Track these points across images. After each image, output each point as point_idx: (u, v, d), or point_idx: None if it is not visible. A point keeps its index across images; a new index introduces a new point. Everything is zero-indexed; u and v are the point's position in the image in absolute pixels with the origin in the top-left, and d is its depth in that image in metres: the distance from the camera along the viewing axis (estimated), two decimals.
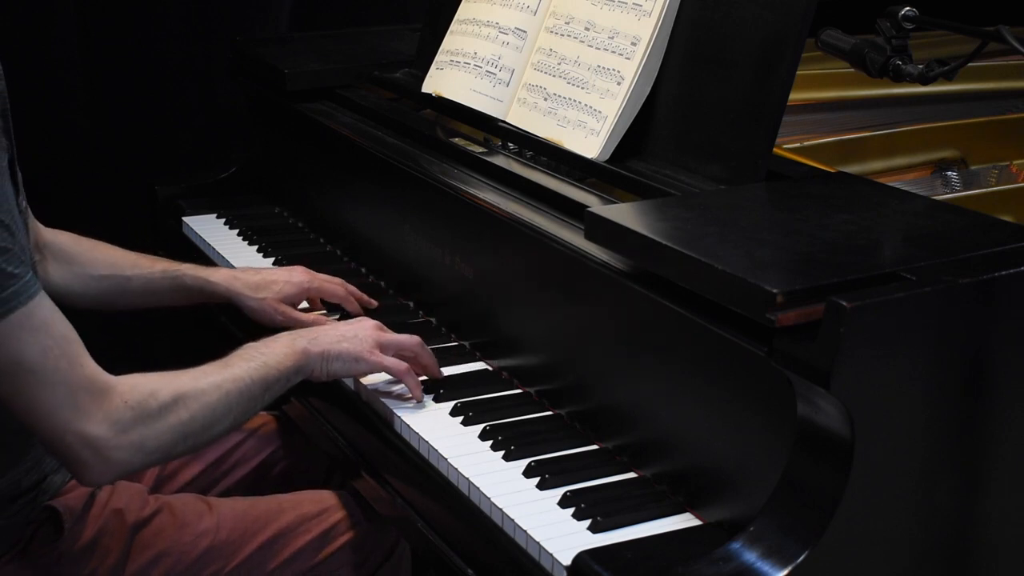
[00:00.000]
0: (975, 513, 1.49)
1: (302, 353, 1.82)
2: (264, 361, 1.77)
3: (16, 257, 1.56)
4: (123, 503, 1.89)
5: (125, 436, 1.60)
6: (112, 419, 1.59)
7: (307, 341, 1.84)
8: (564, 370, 1.81)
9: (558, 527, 1.55)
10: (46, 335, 1.56)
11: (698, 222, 1.61)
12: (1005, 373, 1.46)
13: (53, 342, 1.57)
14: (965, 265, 1.44)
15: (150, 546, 1.87)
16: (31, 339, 1.55)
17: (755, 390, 1.48)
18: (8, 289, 1.53)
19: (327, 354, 1.84)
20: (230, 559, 1.91)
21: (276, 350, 1.80)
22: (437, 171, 2.10)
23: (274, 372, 1.77)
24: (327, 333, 1.88)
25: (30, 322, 1.55)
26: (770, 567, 1.35)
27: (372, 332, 1.90)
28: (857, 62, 1.85)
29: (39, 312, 1.56)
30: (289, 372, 1.79)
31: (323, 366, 1.85)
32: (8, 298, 1.53)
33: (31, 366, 1.55)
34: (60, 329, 1.59)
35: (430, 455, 1.75)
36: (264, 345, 1.81)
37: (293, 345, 1.82)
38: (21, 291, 1.54)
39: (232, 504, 1.98)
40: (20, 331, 1.54)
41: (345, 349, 1.86)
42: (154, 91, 3.10)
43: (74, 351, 1.59)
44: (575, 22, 2.03)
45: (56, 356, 1.56)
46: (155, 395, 1.63)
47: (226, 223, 2.63)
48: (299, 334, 1.87)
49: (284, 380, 1.79)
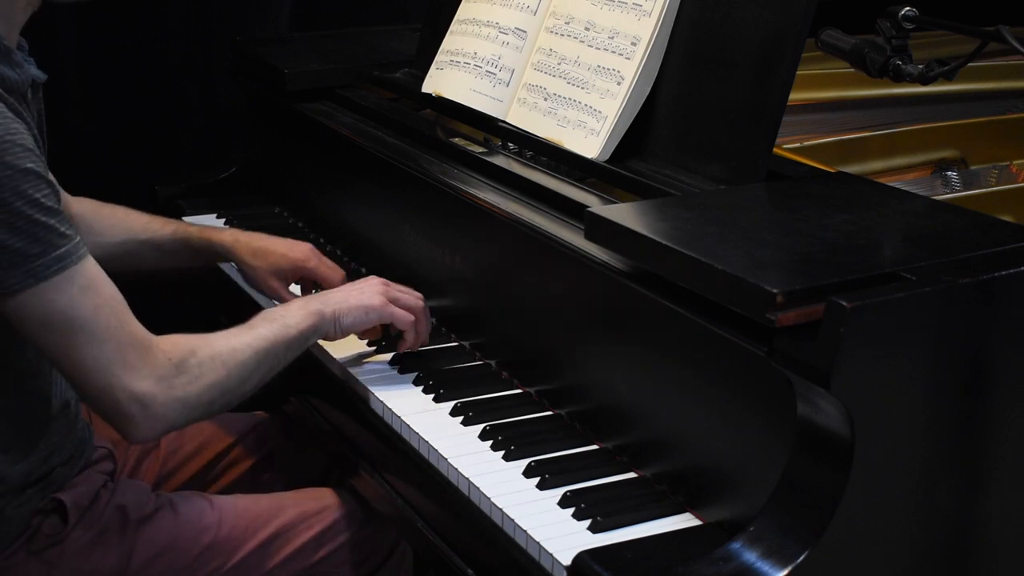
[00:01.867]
0: (975, 513, 1.49)
1: (316, 314, 1.89)
2: (285, 323, 1.85)
3: (66, 220, 1.63)
4: (126, 499, 1.90)
5: (171, 392, 1.68)
6: (158, 375, 1.67)
7: (319, 303, 1.92)
8: (564, 370, 1.81)
9: (558, 527, 1.55)
10: (96, 293, 1.64)
11: (698, 222, 1.61)
12: (1005, 373, 1.46)
13: (103, 300, 1.64)
14: (965, 265, 1.44)
15: (153, 542, 1.88)
16: (83, 297, 1.62)
17: (755, 390, 1.48)
18: (63, 247, 1.61)
19: (337, 312, 1.91)
20: (232, 555, 1.92)
21: (294, 312, 1.88)
22: (437, 171, 2.10)
23: (294, 332, 1.85)
24: (335, 294, 1.96)
25: (83, 280, 1.62)
26: (770, 567, 1.35)
27: (378, 286, 1.98)
28: (857, 62, 1.85)
29: (90, 271, 1.64)
30: (307, 332, 1.87)
31: (335, 324, 1.91)
32: (63, 255, 1.60)
33: (83, 323, 1.62)
34: (109, 289, 1.66)
35: (430, 455, 1.75)
36: (283, 309, 1.90)
37: (307, 307, 1.90)
38: (74, 250, 1.62)
39: (234, 501, 2.00)
40: (73, 288, 1.61)
41: (353, 304, 1.93)
42: (154, 91, 3.10)
43: (121, 310, 1.67)
44: (575, 22, 2.03)
45: (107, 314, 1.64)
46: (195, 353, 1.71)
47: (226, 223, 2.63)
48: (311, 298, 1.96)
49: (303, 340, 1.87)
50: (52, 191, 1.63)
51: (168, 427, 1.71)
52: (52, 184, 1.64)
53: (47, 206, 1.60)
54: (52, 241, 1.59)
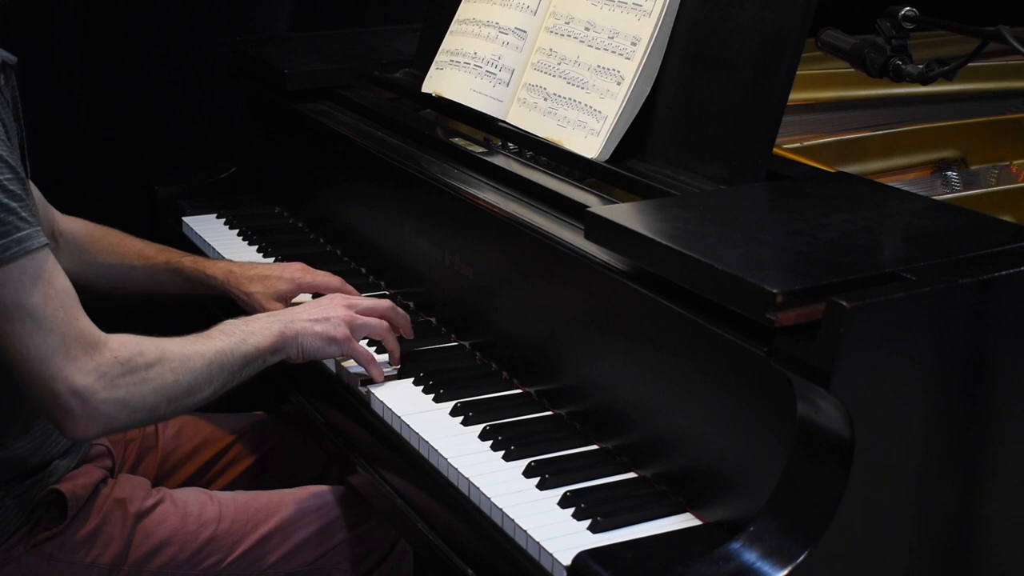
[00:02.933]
0: (975, 513, 1.49)
1: (279, 335, 1.86)
2: (244, 338, 1.82)
3: (28, 207, 1.63)
4: (126, 493, 1.91)
5: (112, 390, 1.65)
6: (101, 371, 1.64)
7: (283, 324, 1.88)
8: (564, 370, 1.81)
9: (558, 527, 1.55)
10: (48, 284, 1.63)
11: (698, 222, 1.61)
12: (1005, 373, 1.46)
13: (54, 291, 1.64)
14: (965, 265, 1.44)
15: (152, 535, 1.89)
16: (34, 286, 1.62)
17: (755, 390, 1.48)
18: (23, 231, 1.61)
19: (301, 336, 1.88)
20: (231, 550, 1.93)
21: (255, 329, 1.85)
22: (437, 171, 2.10)
23: (253, 350, 1.82)
24: (300, 316, 1.92)
25: (36, 270, 1.62)
26: (770, 567, 1.35)
27: (343, 313, 1.94)
28: (857, 62, 1.85)
29: (45, 262, 1.64)
30: (266, 352, 1.84)
31: (298, 349, 1.89)
32: (23, 239, 1.61)
33: (31, 311, 1.61)
34: (61, 283, 1.66)
35: (430, 455, 1.75)
36: (244, 323, 1.86)
37: (271, 327, 1.86)
38: (32, 237, 1.62)
39: (234, 497, 2.01)
40: (25, 276, 1.61)
41: (318, 332, 1.90)
42: (154, 91, 3.10)
43: (71, 304, 1.66)
44: (575, 22, 2.03)
45: (55, 306, 1.63)
46: (143, 354, 1.69)
47: (226, 223, 2.63)
48: (275, 316, 1.91)
49: (262, 359, 1.84)
50: (16, 177, 1.62)
51: (107, 426, 1.68)
52: (16, 171, 1.63)
53: (9, 190, 1.60)
54: (13, 224, 1.60)
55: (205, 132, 3.16)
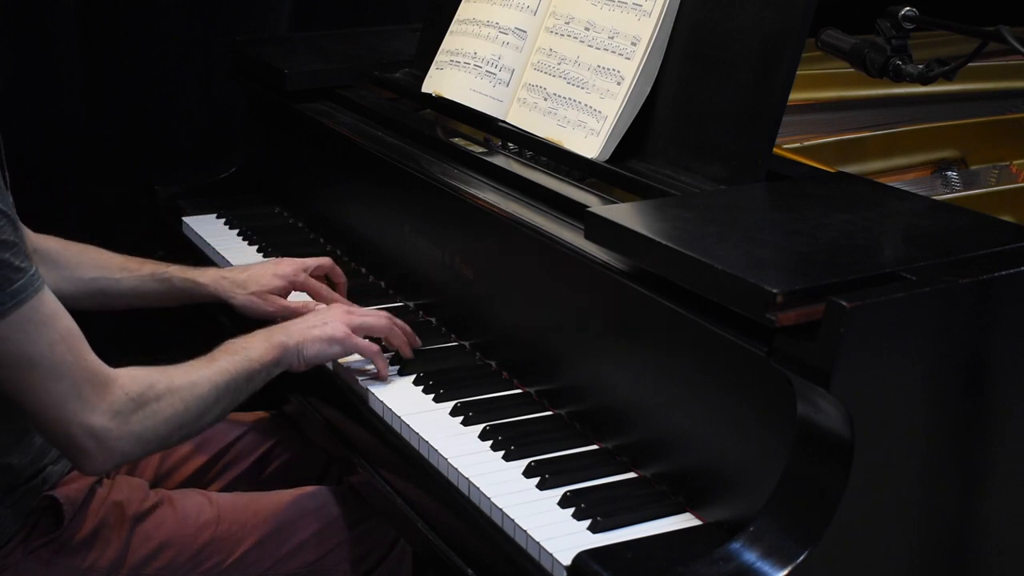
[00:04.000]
0: (975, 513, 1.49)
1: (279, 347, 1.87)
2: (246, 355, 1.83)
3: (21, 251, 1.60)
4: (124, 496, 1.91)
5: (127, 427, 1.67)
6: (115, 410, 1.65)
7: (283, 335, 1.90)
8: (564, 370, 1.81)
9: (558, 527, 1.55)
10: (52, 329, 1.62)
11: (698, 222, 1.61)
12: (1005, 373, 1.46)
13: (59, 336, 1.62)
14: (965, 265, 1.44)
15: (151, 538, 1.89)
16: (38, 333, 1.60)
17: (755, 390, 1.48)
18: (17, 282, 1.58)
19: (301, 344, 1.90)
20: (230, 552, 1.92)
21: (256, 345, 1.86)
22: (437, 171, 2.10)
23: (256, 365, 1.84)
24: (298, 324, 1.94)
25: (38, 316, 1.60)
26: (770, 567, 1.35)
27: (342, 316, 1.96)
28: (857, 62, 1.85)
29: (45, 306, 1.62)
30: (269, 365, 1.86)
31: (299, 356, 1.90)
32: (17, 291, 1.58)
33: (39, 359, 1.60)
34: (64, 323, 1.64)
35: (430, 455, 1.75)
36: (245, 340, 1.87)
37: (270, 340, 1.88)
38: (28, 284, 1.59)
39: (233, 498, 2.00)
40: (28, 324, 1.59)
41: (317, 335, 1.91)
42: (154, 91, 3.10)
43: (77, 345, 1.65)
44: (575, 22, 2.03)
45: (62, 350, 1.62)
46: (153, 387, 1.70)
47: (226, 223, 2.63)
48: (273, 329, 1.93)
49: (265, 372, 1.86)
50: (7, 221, 1.59)
51: (122, 460, 1.71)
52: (7, 214, 1.60)
53: (1, 240, 1.57)
54: (7, 276, 1.57)
55: (205, 132, 3.16)
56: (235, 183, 2.80)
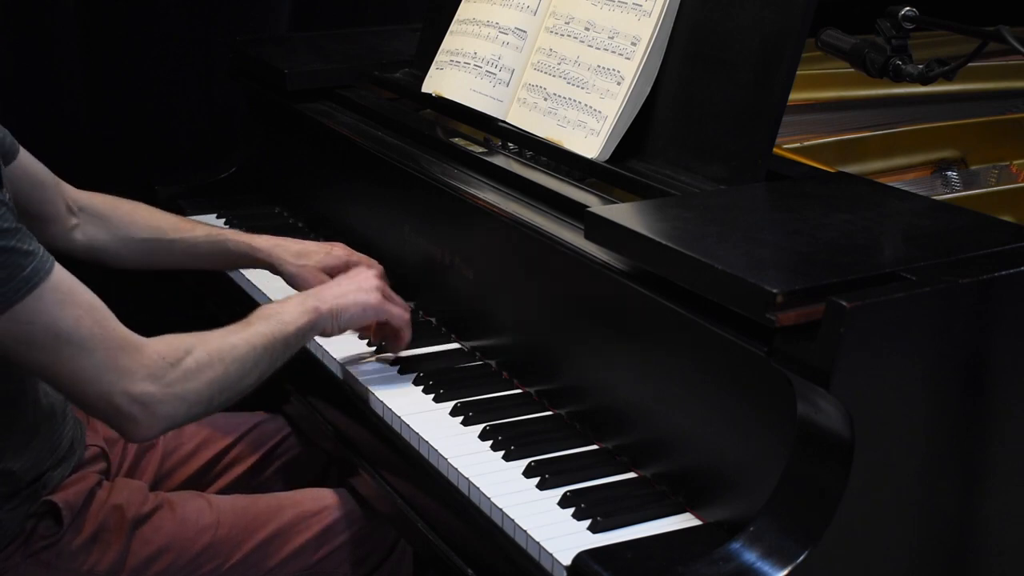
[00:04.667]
0: (975, 513, 1.49)
1: (314, 311, 1.89)
2: (281, 319, 1.84)
3: (26, 235, 1.60)
4: (123, 499, 1.90)
5: (169, 389, 1.67)
6: (154, 374, 1.66)
7: (316, 299, 1.91)
8: (564, 370, 1.81)
9: (558, 527, 1.55)
10: (74, 304, 1.62)
11: (698, 222, 1.61)
12: (1005, 373, 1.46)
13: (82, 311, 1.62)
14: (965, 265, 1.44)
15: (150, 542, 1.88)
16: (60, 310, 1.60)
17: (755, 390, 1.48)
18: (29, 266, 1.58)
19: (335, 310, 1.91)
20: (230, 556, 1.92)
21: (291, 309, 1.87)
22: (437, 171, 2.10)
23: (292, 329, 1.85)
24: (331, 290, 1.96)
25: (56, 294, 1.60)
26: (770, 567, 1.35)
27: (375, 282, 1.98)
28: (857, 62, 1.85)
29: (62, 283, 1.62)
30: (304, 329, 1.87)
31: (333, 322, 1.92)
32: (30, 275, 1.58)
33: (67, 336, 1.60)
34: (85, 296, 1.64)
35: (430, 455, 1.75)
36: (279, 305, 1.89)
37: (304, 304, 1.89)
38: (40, 266, 1.59)
39: (232, 501, 2.00)
40: (50, 304, 1.59)
41: (351, 301, 1.93)
42: (154, 91, 3.10)
43: (103, 315, 1.65)
44: (575, 22, 2.03)
45: (88, 323, 1.62)
46: (191, 352, 1.71)
47: (226, 223, 2.63)
48: (307, 294, 1.95)
49: (300, 337, 1.87)
50: (7, 209, 1.59)
51: (170, 424, 1.71)
52: (4, 202, 1.59)
53: (4, 228, 1.57)
54: (15, 263, 1.56)
55: (205, 132, 3.16)
56: (235, 183, 2.80)
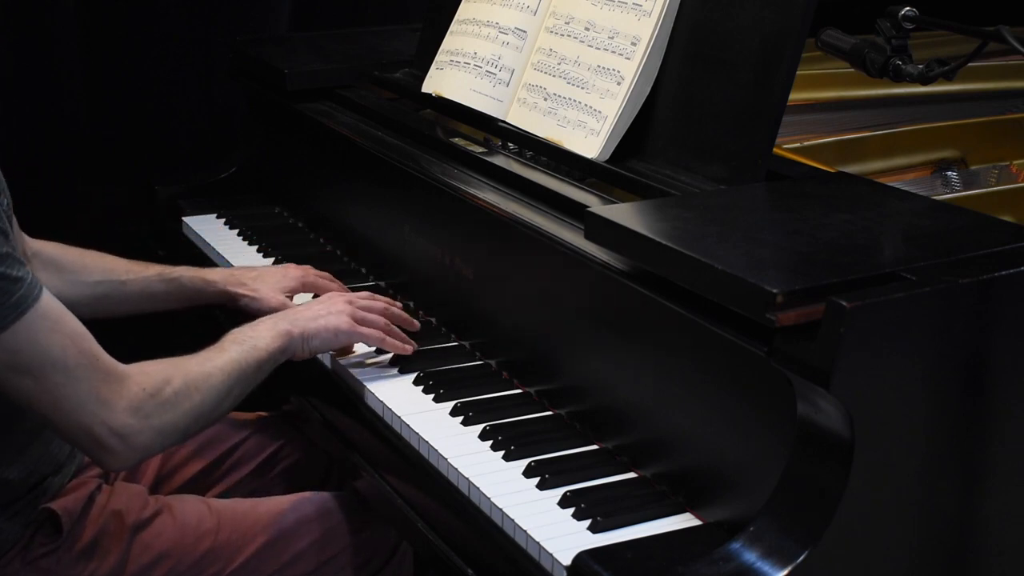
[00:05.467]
0: (975, 513, 1.49)
1: (285, 335, 1.90)
2: (254, 344, 1.85)
3: (16, 260, 1.59)
4: (123, 504, 1.89)
5: (147, 422, 1.68)
6: (134, 407, 1.67)
7: (288, 323, 1.92)
8: (564, 370, 1.81)
9: (558, 527, 1.55)
10: (60, 333, 1.62)
11: (698, 222, 1.61)
12: (1005, 373, 1.46)
13: (69, 340, 1.63)
14: (965, 265, 1.44)
15: (150, 547, 1.88)
16: (48, 337, 1.60)
17: (755, 390, 1.48)
18: (17, 293, 1.57)
19: (306, 333, 1.92)
20: (230, 561, 1.91)
21: (263, 333, 1.88)
22: (437, 171, 2.10)
23: (264, 353, 1.86)
24: (303, 313, 1.96)
25: (44, 322, 1.60)
26: (770, 567, 1.35)
27: (345, 307, 1.98)
28: (857, 62, 1.85)
29: (51, 310, 1.62)
30: (276, 353, 1.88)
31: (303, 345, 1.92)
32: (18, 301, 1.57)
33: (53, 364, 1.61)
34: (72, 325, 1.65)
35: (430, 455, 1.75)
36: (251, 329, 1.89)
37: (276, 328, 1.90)
38: (29, 292, 1.59)
39: (233, 506, 1.99)
40: (36, 332, 1.59)
41: (322, 326, 1.94)
42: (154, 91, 3.10)
43: (88, 345, 1.65)
44: (575, 22, 2.03)
45: (74, 352, 1.62)
46: (169, 382, 1.71)
47: (226, 223, 2.63)
48: (278, 317, 1.95)
49: (272, 360, 1.88)
50: None
51: (145, 454, 1.73)
52: None
53: None
54: (6, 289, 1.56)
55: (205, 132, 3.16)
56: (235, 183, 2.79)
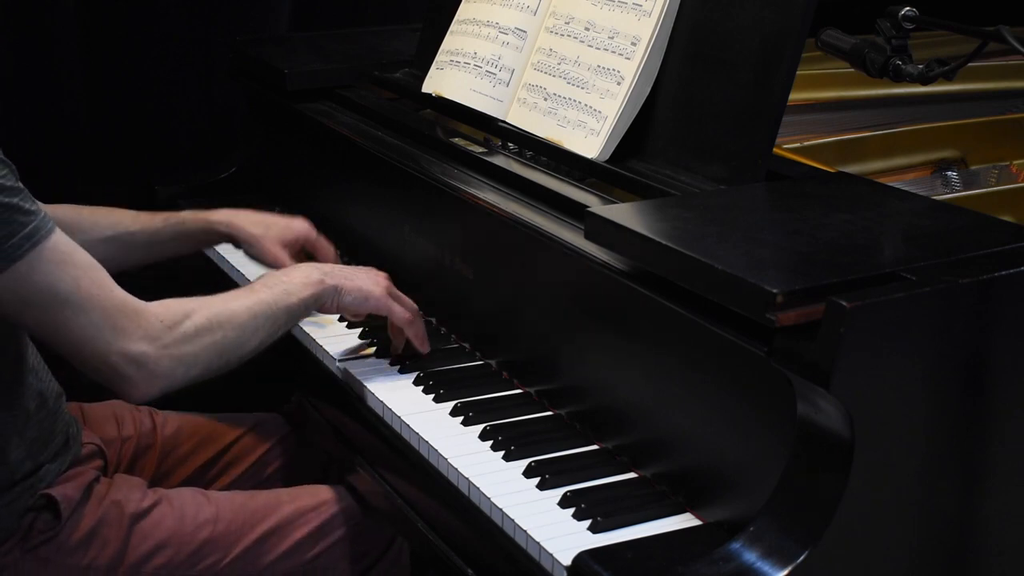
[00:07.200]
0: (975, 513, 1.49)
1: (318, 283, 1.91)
2: (285, 288, 1.87)
3: (28, 196, 1.64)
4: (122, 495, 1.91)
5: (166, 351, 1.70)
6: (151, 335, 1.69)
7: (322, 273, 1.94)
8: (564, 370, 1.81)
9: (558, 527, 1.55)
10: (73, 265, 1.65)
11: (698, 222, 1.61)
12: (1005, 373, 1.46)
13: (81, 271, 1.66)
14: (965, 265, 1.44)
15: (149, 536, 1.89)
16: (60, 271, 1.63)
17: (755, 390, 1.48)
18: (30, 224, 1.61)
19: (340, 287, 1.93)
20: (228, 551, 1.93)
21: (295, 279, 1.90)
22: (437, 171, 2.10)
23: (295, 299, 1.87)
24: (341, 269, 1.99)
25: (56, 255, 1.64)
26: (770, 567, 1.35)
27: (383, 279, 2.00)
28: (857, 62, 1.85)
29: (61, 244, 1.65)
30: (307, 300, 1.89)
31: (335, 298, 1.93)
32: (31, 233, 1.61)
33: (66, 296, 1.63)
34: (84, 258, 1.68)
35: (430, 455, 1.75)
36: (284, 274, 1.92)
37: (310, 276, 1.92)
38: (41, 225, 1.63)
39: (231, 497, 2.00)
40: (49, 264, 1.63)
41: (357, 286, 1.95)
42: (154, 91, 3.10)
43: (102, 278, 1.68)
44: (575, 22, 2.03)
45: (87, 284, 1.65)
46: (190, 316, 1.74)
47: None
48: (315, 266, 1.97)
49: (303, 308, 1.90)
50: (8, 170, 1.63)
51: (167, 384, 1.73)
52: (6, 163, 1.64)
53: (6, 186, 1.61)
54: (17, 220, 1.60)
55: (205, 132, 3.16)
56: (235, 183, 2.80)
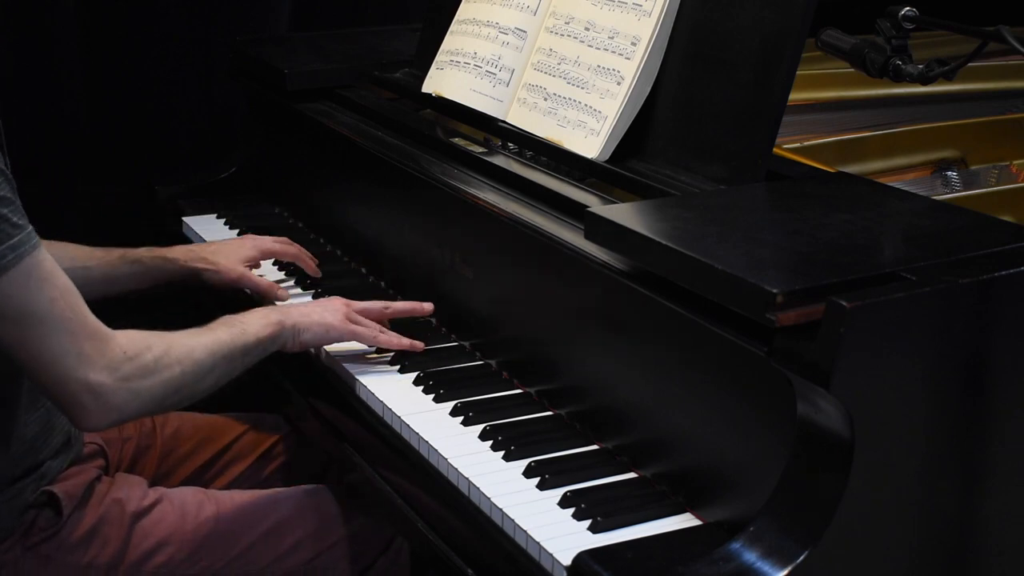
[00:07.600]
0: (975, 513, 1.49)
1: (277, 324, 1.91)
2: (243, 329, 1.87)
3: (19, 209, 1.63)
4: (123, 493, 1.92)
5: (124, 384, 1.69)
6: (112, 367, 1.68)
7: (280, 314, 1.94)
8: (564, 370, 1.81)
9: (558, 527, 1.55)
10: (52, 285, 1.64)
11: (698, 222, 1.61)
12: (1005, 373, 1.46)
13: (59, 293, 1.65)
14: (965, 265, 1.44)
15: (150, 535, 1.90)
16: (38, 288, 1.62)
17: (755, 390, 1.48)
18: (16, 237, 1.61)
19: (298, 326, 1.94)
20: (229, 550, 1.93)
21: (254, 320, 1.90)
22: (437, 171, 2.10)
23: (252, 339, 1.87)
24: (298, 308, 1.99)
25: (38, 272, 1.63)
26: (770, 567, 1.35)
27: (341, 306, 2.00)
28: (857, 62, 1.85)
29: (44, 263, 1.64)
30: (265, 341, 1.89)
31: (295, 337, 1.94)
32: (17, 245, 1.60)
33: (40, 315, 1.63)
34: (63, 281, 1.67)
35: (430, 455, 1.75)
36: (242, 316, 1.92)
37: (268, 316, 1.92)
38: (27, 240, 1.62)
39: (231, 496, 2.01)
40: (29, 280, 1.62)
41: (315, 320, 1.95)
42: (154, 91, 3.10)
43: (76, 302, 1.67)
44: (575, 22, 2.03)
45: (62, 307, 1.64)
46: (151, 349, 1.73)
47: (226, 223, 2.63)
48: (273, 308, 1.98)
49: (261, 348, 1.89)
50: (3, 180, 1.62)
51: (119, 417, 1.73)
52: (6, 175, 1.64)
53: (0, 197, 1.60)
54: (6, 232, 1.59)
55: (205, 132, 3.16)
56: (235, 183, 2.80)
